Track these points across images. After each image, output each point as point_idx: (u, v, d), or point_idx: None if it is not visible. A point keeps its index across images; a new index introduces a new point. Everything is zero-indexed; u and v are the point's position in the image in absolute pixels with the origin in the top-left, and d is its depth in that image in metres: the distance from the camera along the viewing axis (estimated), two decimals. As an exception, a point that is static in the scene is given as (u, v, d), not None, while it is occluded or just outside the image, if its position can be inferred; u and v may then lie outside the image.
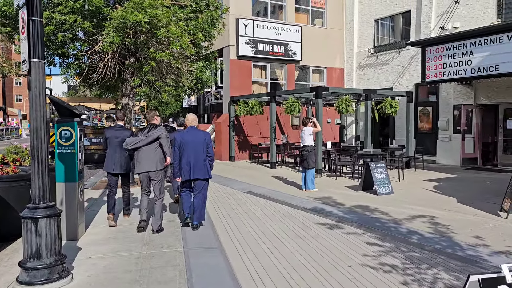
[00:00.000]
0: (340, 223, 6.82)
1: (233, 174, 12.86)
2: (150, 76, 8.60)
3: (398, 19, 17.62)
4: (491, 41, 11.61)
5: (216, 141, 17.26)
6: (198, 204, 6.32)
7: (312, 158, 9.67)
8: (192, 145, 6.24)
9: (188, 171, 6.23)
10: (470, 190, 9.77)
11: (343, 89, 13.46)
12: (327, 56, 19.26)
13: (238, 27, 16.80)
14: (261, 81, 17.98)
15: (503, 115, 13.98)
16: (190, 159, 6.22)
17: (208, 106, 20.87)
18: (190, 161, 6.21)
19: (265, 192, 9.75)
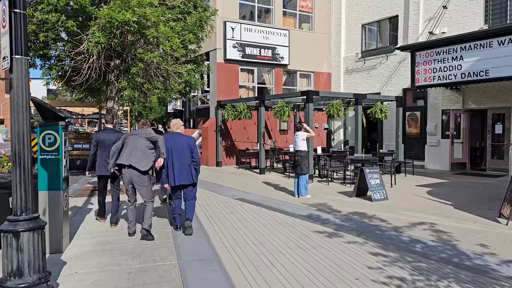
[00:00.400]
0: (339, 231, 6.55)
1: (222, 180, 12.51)
2: (138, 78, 8.21)
3: (385, 24, 17.62)
4: (481, 46, 11.61)
5: (203, 147, 16.88)
6: (189, 208, 6.39)
7: (306, 164, 9.42)
8: (176, 150, 6.20)
9: (173, 177, 6.18)
10: (464, 196, 9.65)
11: (334, 93, 13.31)
12: (314, 60, 19.13)
13: (225, 30, 16.51)
14: (248, 85, 17.71)
15: (491, 120, 14.01)
16: (174, 165, 6.17)
17: (194, 111, 20.49)
18: (174, 167, 6.17)
19: (257, 199, 9.44)
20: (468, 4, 14.30)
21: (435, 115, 15.39)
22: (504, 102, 13.39)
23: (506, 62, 11.05)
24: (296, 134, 9.59)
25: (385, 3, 17.31)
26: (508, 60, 11.01)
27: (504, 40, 11.07)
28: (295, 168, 9.55)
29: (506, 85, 12.99)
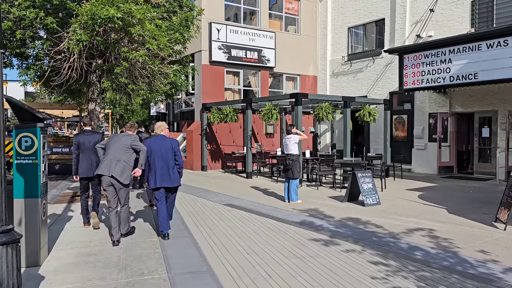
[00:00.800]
0: (334, 239, 6.28)
1: (208, 185, 12.13)
2: (122, 78, 7.80)
3: (372, 27, 17.56)
4: (470, 49, 11.56)
5: (188, 150, 16.47)
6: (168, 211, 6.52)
7: (297, 168, 9.14)
8: (159, 153, 6.19)
9: (155, 179, 6.17)
10: (456, 200, 9.51)
11: (323, 95, 13.10)
12: (300, 63, 18.95)
13: (210, 32, 16.18)
14: (234, 87, 17.40)
15: (478, 123, 14.02)
16: (157, 167, 6.17)
17: (178, 114, 20.04)
18: (157, 169, 6.17)
19: (246, 204, 9.11)
20: (455, 8, 14.32)
21: (422, 118, 15.35)
22: (491, 105, 13.41)
23: (495, 65, 11.01)
24: (287, 137, 9.31)
25: (371, 6, 17.25)
26: (496, 63, 10.98)
27: (493, 43, 11.04)
28: (286, 172, 9.26)
29: (493, 89, 13.02)
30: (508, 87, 12.57)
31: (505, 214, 6.87)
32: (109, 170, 5.85)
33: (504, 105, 13.04)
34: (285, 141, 9.41)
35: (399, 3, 15.99)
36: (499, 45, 10.94)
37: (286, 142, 9.35)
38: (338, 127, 18.00)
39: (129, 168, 6.01)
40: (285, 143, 9.38)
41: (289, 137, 9.30)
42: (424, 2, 15.23)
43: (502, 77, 10.96)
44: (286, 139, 9.35)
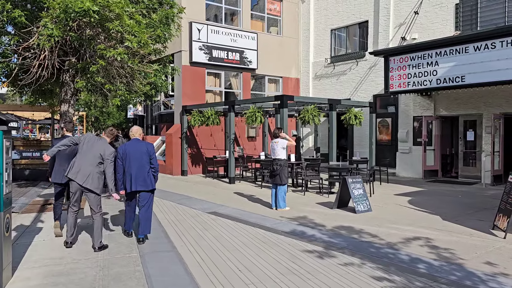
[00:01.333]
0: (330, 250, 5.85)
1: (190, 191, 11.56)
2: (98, 77, 7.18)
3: (355, 29, 17.36)
4: (457, 52, 11.41)
5: (167, 154, 15.83)
6: (143, 217, 6.16)
7: (285, 173, 8.70)
8: (134, 156, 6.15)
9: (130, 182, 6.11)
10: (447, 206, 9.26)
11: (309, 98, 12.73)
12: (283, 65, 18.59)
13: (191, 32, 15.62)
14: (215, 89, 16.87)
15: (463, 127, 13.92)
16: (132, 170, 6.11)
17: (156, 116, 19.36)
18: (132, 173, 6.11)
19: (232, 212, 8.60)
20: (439, 11, 14.22)
21: (406, 121, 15.19)
22: (476, 108, 13.33)
23: (483, 68, 10.89)
24: (275, 141, 8.85)
25: (354, 8, 17.05)
26: (484, 66, 10.85)
27: (480, 46, 10.91)
28: (273, 178, 8.80)
29: (478, 92, 12.93)
30: (493, 90, 12.49)
31: (504, 222, 6.60)
32: (82, 179, 5.73)
33: (488, 109, 12.97)
34: (272, 145, 8.96)
35: (383, 5, 15.82)
36: (487, 48, 10.81)
37: (273, 146, 8.90)
38: (322, 130, 17.69)
39: (101, 178, 5.91)
40: (272, 147, 8.93)
41: (277, 141, 8.86)
42: (408, 5, 15.09)
43: (489, 80, 10.85)
44: (274, 143, 8.90)
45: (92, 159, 5.80)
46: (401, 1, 15.33)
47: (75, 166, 5.78)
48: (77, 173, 5.73)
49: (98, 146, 5.90)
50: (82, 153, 5.85)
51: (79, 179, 5.72)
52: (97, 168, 5.82)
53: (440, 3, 14.19)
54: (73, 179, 5.74)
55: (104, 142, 6.03)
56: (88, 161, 5.79)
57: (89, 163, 5.78)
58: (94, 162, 5.80)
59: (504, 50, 10.46)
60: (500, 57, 10.55)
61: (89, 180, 5.74)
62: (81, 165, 5.76)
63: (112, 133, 6.28)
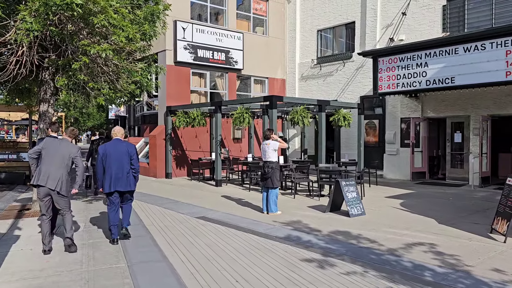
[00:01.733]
0: (329, 258, 5.58)
1: (175, 194, 11.15)
2: (81, 75, 6.74)
3: (342, 30, 17.23)
4: (447, 53, 11.34)
5: (151, 156, 15.36)
6: (124, 213, 6.42)
7: (277, 176, 8.41)
8: (114, 156, 6.14)
9: (110, 183, 6.10)
10: (440, 208, 9.12)
11: (298, 98, 12.49)
12: (269, 66, 18.33)
13: (175, 30, 15.21)
14: (200, 90, 16.48)
15: (450, 129, 13.90)
16: (112, 171, 6.11)
17: (139, 117, 18.84)
18: (112, 173, 6.10)
19: (221, 217, 8.26)
20: (426, 12, 14.18)
21: (394, 123, 15.11)
22: (463, 110, 13.32)
23: (472, 69, 10.84)
24: (266, 143, 8.55)
25: (341, 9, 16.92)
26: (474, 67, 10.80)
27: (470, 47, 10.86)
28: (265, 181, 8.49)
29: (465, 94, 12.92)
30: (480, 92, 12.50)
31: (503, 225, 6.45)
32: (53, 184, 5.65)
33: (476, 110, 12.97)
34: (263, 147, 8.65)
35: (370, 6, 15.73)
36: (477, 49, 10.77)
37: (264, 148, 8.59)
38: (309, 132, 17.49)
39: (67, 180, 5.85)
40: (263, 149, 8.62)
41: (268, 143, 8.56)
42: (395, 6, 15.03)
43: (479, 82, 10.80)
44: (264, 145, 8.59)
45: (60, 162, 5.74)
46: (388, 2, 15.26)
47: (42, 173, 5.66)
48: (47, 179, 5.62)
49: (63, 147, 5.84)
50: (48, 158, 5.74)
51: (50, 184, 5.62)
52: (65, 170, 5.78)
53: (427, 4, 14.16)
54: (44, 185, 5.61)
55: (67, 142, 5.97)
56: (56, 165, 5.71)
57: (57, 166, 5.71)
58: (63, 164, 5.75)
59: (494, 52, 10.43)
60: (490, 59, 10.51)
61: (60, 184, 5.69)
62: (49, 170, 5.67)
63: (74, 133, 6.22)
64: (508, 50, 10.21)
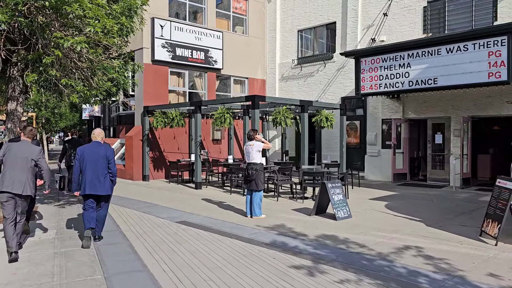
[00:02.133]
0: (319, 264, 5.30)
1: (154, 197, 10.70)
2: (53, 71, 6.26)
3: (323, 31, 17.09)
4: (429, 53, 11.29)
5: (127, 158, 14.81)
6: (99, 218, 6.27)
7: (261, 179, 8.09)
8: (92, 159, 6.08)
9: (85, 185, 6.04)
10: (426, 210, 9.01)
11: (281, 99, 12.21)
12: (249, 66, 18.03)
13: (153, 28, 14.73)
14: (178, 89, 16.02)
15: (431, 130, 13.91)
16: (88, 173, 6.04)
17: (115, 118, 18.21)
18: (88, 176, 6.04)
19: (203, 221, 7.89)
20: (407, 13, 14.17)
21: (375, 124, 15.05)
22: (444, 111, 13.34)
23: (455, 70, 10.81)
24: (249, 144, 8.23)
25: (322, 9, 16.78)
26: (456, 68, 10.78)
27: (453, 48, 10.84)
28: (248, 184, 8.17)
29: (446, 95, 12.94)
30: (461, 93, 12.54)
31: (494, 228, 6.33)
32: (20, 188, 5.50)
33: (457, 112, 13.01)
34: (246, 148, 8.33)
35: (351, 6, 15.64)
36: (459, 50, 10.75)
37: (248, 149, 8.27)
38: (290, 133, 17.27)
39: (33, 181, 5.75)
40: (247, 151, 8.30)
41: (252, 144, 8.24)
42: (376, 7, 14.98)
43: (462, 83, 10.79)
44: (248, 146, 8.28)
45: (24, 165, 5.59)
46: (369, 3, 15.20)
47: (7, 178, 5.48)
48: (12, 184, 5.45)
49: (25, 150, 5.67)
50: (10, 162, 5.56)
51: (17, 189, 5.47)
52: (30, 172, 5.66)
53: (408, 5, 14.15)
54: (10, 191, 5.44)
55: (27, 144, 5.79)
56: (20, 168, 5.56)
57: (21, 170, 5.56)
58: (27, 167, 5.61)
59: (477, 53, 10.43)
60: (472, 60, 10.51)
61: (27, 187, 5.58)
62: (14, 174, 5.51)
63: (33, 134, 5.99)
64: (490, 51, 10.23)
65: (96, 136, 6.29)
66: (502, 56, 10.04)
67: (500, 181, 6.57)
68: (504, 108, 12.09)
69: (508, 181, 6.39)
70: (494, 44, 10.17)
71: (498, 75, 10.13)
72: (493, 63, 10.18)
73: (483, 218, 6.77)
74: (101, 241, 6.30)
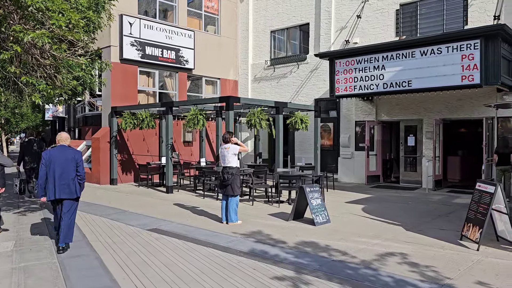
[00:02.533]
0: (302, 275, 5.03)
1: (123, 203, 10.18)
2: (12, 67, 5.71)
3: (296, 32, 16.94)
4: (404, 56, 11.30)
5: (93, 161, 14.13)
6: (65, 224, 6.02)
7: (237, 183, 7.77)
8: (60, 163, 6.01)
9: (53, 190, 5.95)
10: (402, 213, 8.93)
11: (256, 100, 11.88)
12: (221, 66, 17.65)
13: (121, 25, 14.12)
14: (148, 90, 15.46)
15: (404, 132, 13.98)
16: (56, 177, 5.96)
17: (80, 119, 17.41)
18: (56, 180, 5.96)
19: (176, 228, 7.49)
20: (380, 16, 14.20)
21: (348, 126, 15.00)
22: (416, 114, 13.43)
23: (429, 73, 10.85)
24: (225, 147, 7.89)
25: (295, 10, 16.62)
26: (430, 71, 10.82)
27: (427, 51, 10.87)
28: (224, 189, 7.83)
29: (419, 98, 13.01)
30: (433, 96, 12.62)
31: (475, 232, 6.25)
32: None
33: (429, 114, 13.11)
34: (221, 151, 7.99)
35: (324, 8, 15.56)
36: (433, 53, 10.80)
37: (223, 152, 7.93)
38: (263, 135, 17.01)
39: None
40: (222, 154, 7.96)
41: (227, 147, 7.91)
42: (349, 9, 14.95)
43: (436, 85, 10.84)
44: (224, 149, 7.94)
45: None
46: (342, 4, 15.16)
47: None
48: None
49: None
50: None
51: None
52: None
53: (381, 8, 14.19)
54: None
55: None
56: None
57: None
58: None
59: (450, 56, 10.50)
60: (446, 63, 10.57)
61: None
62: None
63: None
64: (463, 55, 10.31)
65: (64, 140, 6.23)
66: (475, 59, 10.14)
67: (480, 185, 6.52)
68: (474, 111, 12.27)
69: (488, 184, 6.34)
70: (467, 48, 10.26)
71: (471, 78, 10.22)
72: (466, 66, 10.27)
73: (464, 222, 6.70)
74: (65, 253, 5.80)
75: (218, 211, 8.81)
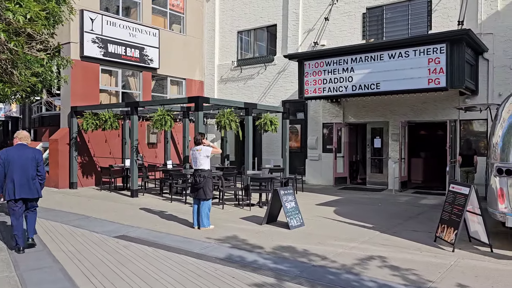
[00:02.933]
0: (283, 282, 4.83)
1: (85, 208, 9.61)
2: (-37, 61, 5.16)
3: (263, 33, 16.80)
4: (372, 58, 11.40)
5: (51, 163, 13.33)
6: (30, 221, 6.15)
7: (210, 186, 7.48)
8: (19, 162, 5.90)
9: (13, 190, 5.83)
10: (373, 215, 8.93)
11: (225, 100, 11.56)
12: (186, 66, 17.23)
13: (82, 21, 13.44)
14: (111, 89, 14.82)
15: (370, 134, 14.13)
16: (15, 177, 5.84)
17: (37, 118, 16.45)
18: (15, 180, 5.84)
19: (145, 234, 7.10)
20: (347, 19, 14.31)
21: (316, 128, 15.01)
22: (382, 116, 13.61)
23: (397, 75, 11.00)
24: (196, 149, 7.57)
25: (262, 10, 16.49)
26: (398, 74, 10.97)
27: (395, 54, 11.01)
28: (196, 192, 7.51)
29: (385, 100, 13.19)
30: (399, 99, 12.81)
31: (450, 234, 6.28)
32: None
33: (395, 117, 13.32)
34: (193, 153, 7.66)
35: (292, 9, 15.52)
36: (401, 56, 10.95)
37: (195, 155, 7.61)
38: (230, 136, 16.73)
39: None
40: (194, 156, 7.64)
41: (199, 149, 7.59)
42: (317, 11, 14.98)
43: (403, 88, 11.00)
44: (195, 152, 7.62)
45: None
46: (310, 7, 15.17)
47: None
48: None
49: None
50: None
51: None
52: None
53: (348, 11, 14.30)
54: None
55: None
56: None
57: None
58: None
59: (417, 59, 10.68)
60: (413, 66, 10.74)
61: None
62: None
63: None
64: (430, 58, 10.51)
65: (24, 139, 6.14)
66: (441, 63, 10.36)
67: (454, 186, 6.57)
68: (438, 114, 12.57)
69: (462, 186, 6.40)
70: (433, 51, 10.47)
71: (438, 82, 10.44)
72: (433, 69, 10.48)
73: (438, 223, 6.74)
74: (25, 265, 5.30)
75: (188, 216, 8.50)
